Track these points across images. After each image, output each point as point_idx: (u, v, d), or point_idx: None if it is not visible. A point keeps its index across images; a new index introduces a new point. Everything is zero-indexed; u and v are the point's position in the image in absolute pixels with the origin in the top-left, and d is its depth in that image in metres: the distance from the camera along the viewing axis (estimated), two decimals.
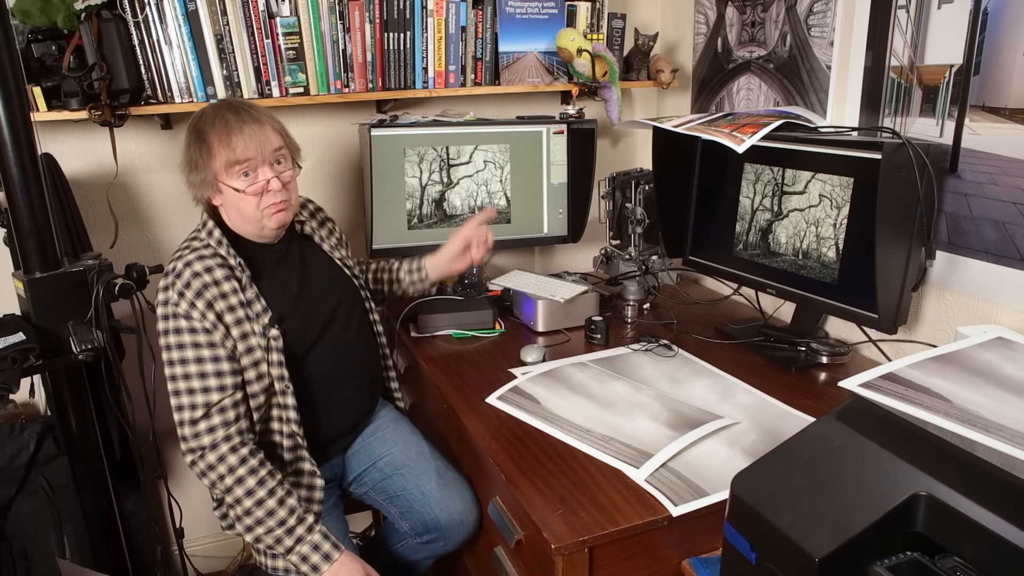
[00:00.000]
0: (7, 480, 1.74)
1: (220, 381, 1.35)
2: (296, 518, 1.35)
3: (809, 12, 1.76)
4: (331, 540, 1.37)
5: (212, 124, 1.36)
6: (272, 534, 1.34)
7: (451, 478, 1.56)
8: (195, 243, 1.41)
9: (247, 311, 1.39)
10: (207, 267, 1.37)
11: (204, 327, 1.34)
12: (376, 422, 1.66)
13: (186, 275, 1.35)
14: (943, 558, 0.81)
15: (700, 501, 1.14)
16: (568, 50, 2.02)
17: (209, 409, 1.34)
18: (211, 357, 1.35)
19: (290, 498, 1.36)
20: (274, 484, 1.35)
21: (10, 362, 1.40)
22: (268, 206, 1.39)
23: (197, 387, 1.34)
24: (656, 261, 2.07)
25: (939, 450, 0.87)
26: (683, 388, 1.53)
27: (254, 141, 1.35)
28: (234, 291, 1.38)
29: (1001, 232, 1.38)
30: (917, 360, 1.08)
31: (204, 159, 1.36)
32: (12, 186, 1.43)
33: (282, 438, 1.45)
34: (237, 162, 1.35)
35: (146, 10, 1.71)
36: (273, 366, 1.41)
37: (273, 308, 1.42)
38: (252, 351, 1.39)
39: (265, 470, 1.36)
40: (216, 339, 1.35)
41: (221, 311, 1.36)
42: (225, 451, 1.34)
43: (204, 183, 1.38)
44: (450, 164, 2.01)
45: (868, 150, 1.46)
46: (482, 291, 2.07)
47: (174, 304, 1.35)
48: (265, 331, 1.39)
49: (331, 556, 1.36)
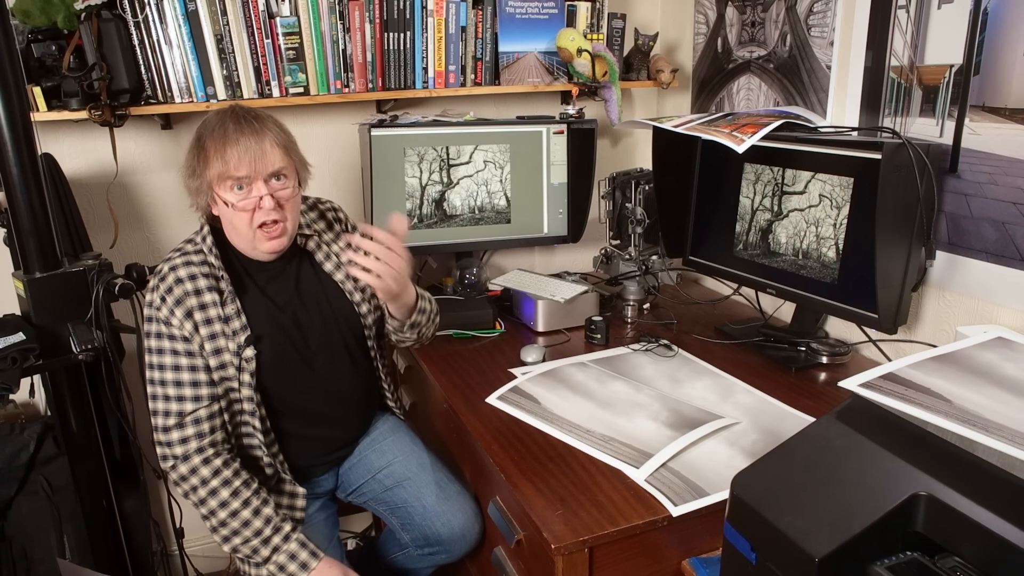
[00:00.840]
0: (7, 480, 1.74)
1: (196, 391, 1.33)
2: (272, 528, 1.33)
3: (809, 12, 1.76)
4: (309, 548, 1.35)
5: (211, 132, 1.32)
6: (248, 544, 1.32)
7: (453, 491, 1.53)
8: (188, 247, 1.39)
9: (224, 327, 1.36)
10: (191, 274, 1.34)
11: (183, 335, 1.33)
12: (373, 434, 1.63)
13: (169, 279, 1.34)
14: (943, 558, 0.81)
15: (700, 501, 1.14)
16: (568, 50, 2.02)
17: (183, 419, 1.32)
18: (188, 366, 1.33)
19: (266, 507, 1.34)
20: (249, 494, 1.33)
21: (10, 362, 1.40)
22: (260, 225, 1.34)
23: (172, 395, 1.33)
24: (656, 261, 2.07)
25: (939, 450, 0.87)
26: (683, 388, 1.53)
27: (248, 155, 1.29)
28: (214, 303, 1.35)
29: (1001, 232, 1.38)
30: (917, 360, 1.08)
31: (200, 167, 1.32)
32: (12, 186, 1.43)
33: (256, 451, 1.43)
34: (229, 176, 1.31)
35: (146, 10, 1.71)
36: (244, 386, 1.37)
37: (253, 327, 1.38)
38: (224, 367, 1.36)
39: (239, 480, 1.34)
40: (194, 348, 1.33)
41: (197, 322, 1.34)
42: (197, 463, 1.32)
43: (200, 191, 1.35)
44: (450, 164, 2.00)
45: (868, 150, 1.46)
46: (482, 291, 2.07)
47: (156, 308, 1.34)
48: (239, 350, 1.36)
49: (308, 565, 1.33)
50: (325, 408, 1.51)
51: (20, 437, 1.76)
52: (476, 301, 1.98)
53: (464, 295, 2.04)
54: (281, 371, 1.42)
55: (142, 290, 1.61)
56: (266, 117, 1.36)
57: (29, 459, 1.76)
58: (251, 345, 1.36)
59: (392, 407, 1.70)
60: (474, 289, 2.07)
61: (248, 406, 1.39)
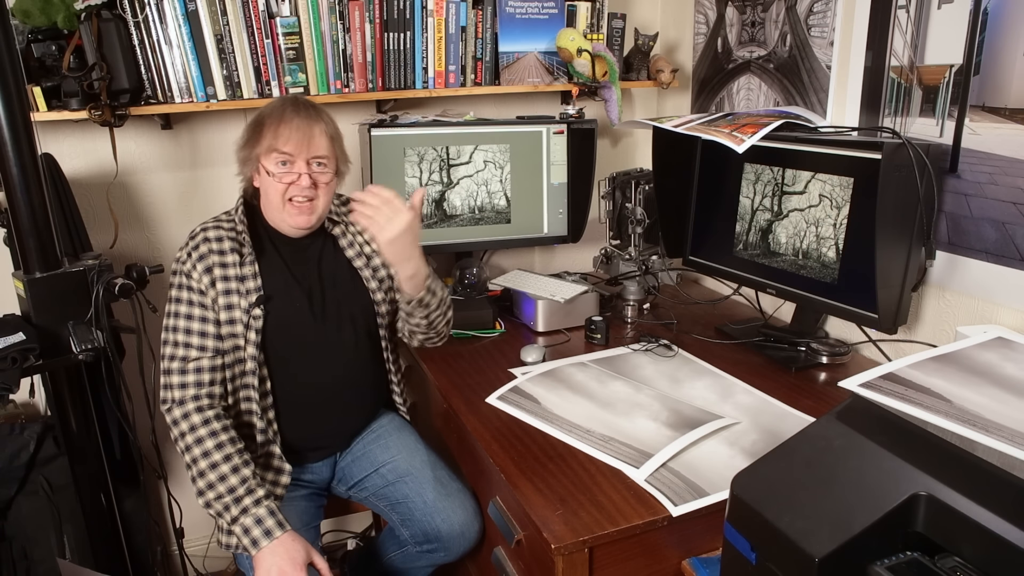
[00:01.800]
0: (7, 480, 1.74)
1: (202, 341, 1.43)
2: (246, 488, 1.35)
3: (809, 12, 1.76)
4: (277, 518, 1.34)
5: (271, 111, 1.46)
6: (221, 500, 1.35)
7: (454, 489, 1.54)
8: (223, 215, 1.53)
9: (239, 285, 1.45)
10: (218, 236, 1.47)
11: (199, 288, 1.44)
12: (378, 429, 1.65)
13: (198, 238, 1.47)
14: (943, 558, 0.81)
15: (700, 501, 1.15)
16: (568, 50, 2.02)
17: (185, 364, 1.42)
18: (200, 316, 1.44)
19: (245, 468, 1.37)
20: (232, 451, 1.38)
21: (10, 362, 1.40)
22: (292, 199, 1.44)
23: (180, 340, 1.43)
24: (656, 261, 2.07)
25: (939, 450, 0.87)
26: (683, 388, 1.53)
27: (297, 135, 1.42)
28: (234, 264, 1.46)
29: (1001, 232, 1.38)
30: (917, 360, 1.08)
31: (254, 138, 1.45)
32: (12, 186, 1.43)
33: (252, 417, 1.47)
34: (276, 150, 1.42)
35: (146, 10, 1.70)
36: (249, 344, 1.45)
37: (266, 289, 1.47)
38: (233, 323, 1.45)
39: (226, 435, 1.39)
40: (207, 302, 1.44)
41: (216, 278, 1.44)
42: (190, 408, 1.39)
43: (248, 160, 1.47)
44: (450, 164, 2.01)
45: (868, 150, 1.46)
46: (482, 291, 2.07)
47: (181, 262, 1.46)
48: (249, 308, 1.45)
49: (272, 532, 1.32)
50: (328, 387, 1.54)
51: (20, 437, 1.77)
52: (476, 301, 1.98)
53: (464, 295, 2.04)
54: (287, 337, 1.49)
55: (142, 290, 1.61)
56: (321, 109, 1.49)
57: (29, 459, 1.76)
58: (260, 305, 1.45)
59: (399, 406, 1.72)
60: (474, 289, 2.07)
61: (250, 364, 1.46)
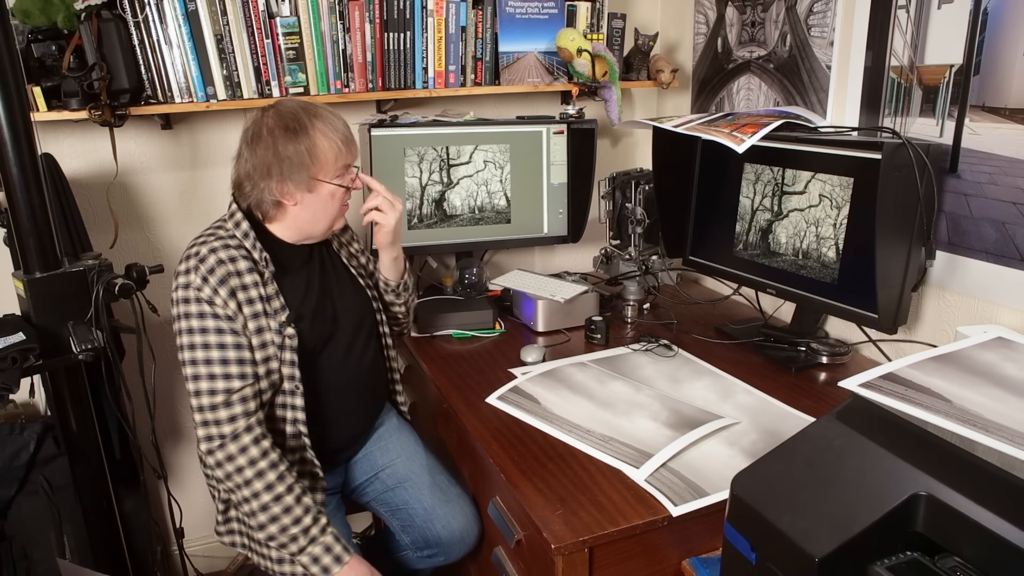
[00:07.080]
0: (7, 480, 1.74)
1: (242, 369, 1.33)
2: (312, 517, 1.32)
3: (809, 12, 1.76)
4: (342, 543, 1.35)
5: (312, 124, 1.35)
6: (287, 532, 1.31)
7: (454, 494, 1.54)
8: (220, 232, 1.40)
9: (265, 306, 1.37)
10: (231, 256, 1.35)
11: (227, 314, 1.33)
12: (380, 430, 1.65)
13: (211, 261, 1.33)
14: (943, 558, 0.81)
15: (700, 501, 1.15)
16: (568, 50, 2.02)
17: (230, 396, 1.31)
18: (234, 344, 1.33)
19: (306, 496, 1.34)
20: (292, 481, 1.33)
21: (10, 362, 1.40)
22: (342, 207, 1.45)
23: (218, 373, 1.31)
24: (656, 261, 2.07)
25: (939, 450, 0.87)
26: (683, 388, 1.53)
27: (354, 141, 1.43)
28: (255, 284, 1.37)
29: (1001, 232, 1.38)
30: (917, 360, 1.08)
31: (309, 160, 1.35)
32: (12, 186, 1.43)
33: (286, 439, 1.43)
34: (345, 163, 1.41)
35: (146, 10, 1.70)
36: (285, 364, 1.39)
37: (292, 307, 1.41)
38: (265, 347, 1.37)
39: (284, 466, 1.33)
40: (237, 327, 1.34)
41: (240, 302, 1.34)
42: (247, 442, 1.30)
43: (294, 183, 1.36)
44: (450, 164, 2.00)
45: (868, 150, 1.46)
46: (482, 291, 2.07)
47: (196, 288, 1.32)
48: (281, 328, 1.38)
49: (342, 559, 1.33)
50: (349, 392, 1.53)
51: (20, 437, 1.76)
52: (476, 301, 1.98)
53: (464, 295, 2.04)
54: (317, 349, 1.46)
55: (142, 290, 1.61)
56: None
57: (29, 459, 1.76)
58: (292, 324, 1.39)
59: (399, 403, 1.72)
60: (474, 289, 2.07)
61: (288, 385, 1.40)
